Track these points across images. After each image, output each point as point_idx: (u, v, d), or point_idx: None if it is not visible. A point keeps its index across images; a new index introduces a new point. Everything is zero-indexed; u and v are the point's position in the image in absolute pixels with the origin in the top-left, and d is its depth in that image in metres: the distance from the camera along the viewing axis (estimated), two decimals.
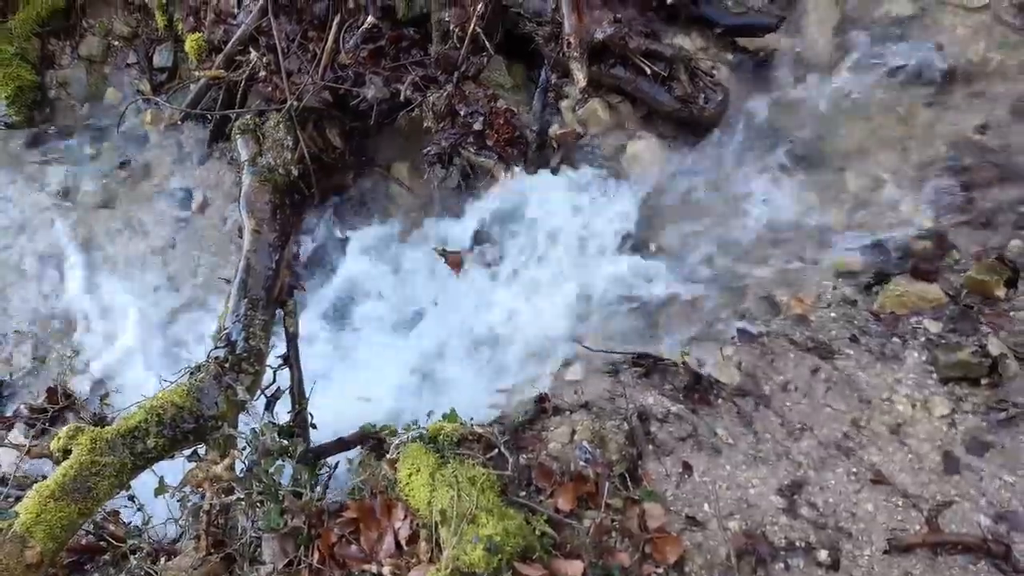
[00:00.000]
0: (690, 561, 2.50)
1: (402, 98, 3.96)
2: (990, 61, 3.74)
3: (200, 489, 2.55)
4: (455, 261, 3.84)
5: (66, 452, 2.36)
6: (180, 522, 2.72)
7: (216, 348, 2.87)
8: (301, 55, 4.03)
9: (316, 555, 2.42)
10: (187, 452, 2.63)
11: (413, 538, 2.39)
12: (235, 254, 3.95)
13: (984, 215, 3.39)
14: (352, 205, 4.30)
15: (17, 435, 3.63)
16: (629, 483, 2.67)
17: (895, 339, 3.13)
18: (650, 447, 2.84)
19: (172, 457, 2.58)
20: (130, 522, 2.90)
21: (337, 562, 2.40)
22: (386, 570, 2.32)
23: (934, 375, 2.97)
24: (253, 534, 2.48)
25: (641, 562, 2.46)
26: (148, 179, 4.63)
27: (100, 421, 3.61)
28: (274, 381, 3.00)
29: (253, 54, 4.07)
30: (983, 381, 2.89)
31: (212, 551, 2.52)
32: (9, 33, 4.71)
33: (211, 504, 2.53)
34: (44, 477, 2.44)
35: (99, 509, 2.46)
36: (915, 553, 2.49)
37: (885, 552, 2.51)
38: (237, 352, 2.86)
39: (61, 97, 4.94)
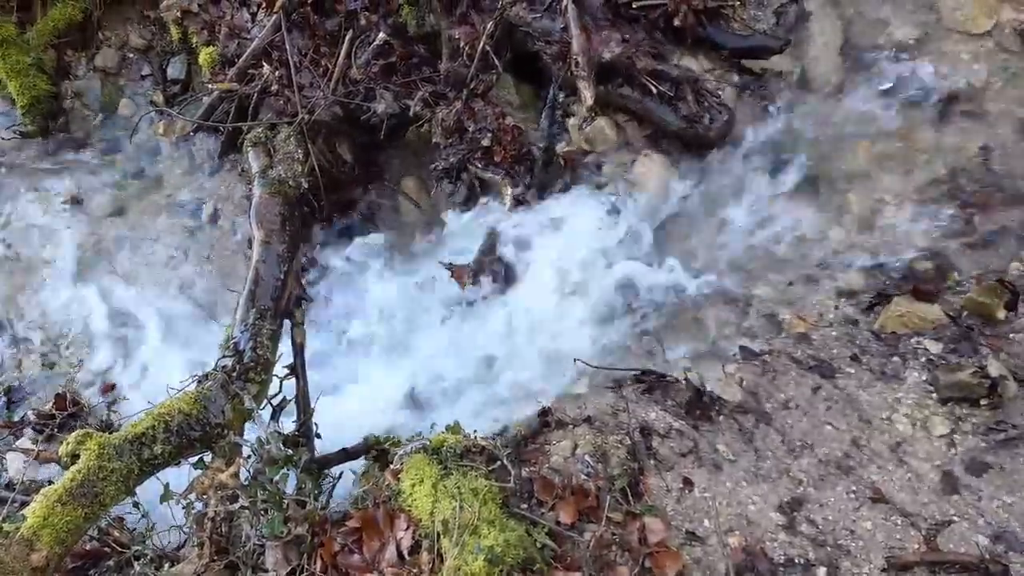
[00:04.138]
0: None
1: (411, 113, 4.02)
2: (991, 86, 3.79)
3: (205, 496, 2.57)
4: (461, 274, 3.88)
5: (74, 457, 2.38)
6: (184, 529, 2.74)
7: (224, 357, 2.90)
8: (313, 70, 4.10)
9: (319, 563, 2.43)
10: (193, 459, 2.65)
11: (415, 548, 2.41)
12: (244, 265, 3.99)
13: (985, 237, 3.43)
14: (360, 218, 4.35)
15: (25, 441, 3.66)
16: (630, 497, 2.69)
17: (895, 359, 3.15)
18: (651, 462, 2.86)
19: (178, 464, 2.60)
20: (134, 528, 2.92)
21: (339, 571, 2.42)
22: None
23: (934, 395, 2.99)
24: (256, 542, 2.50)
25: None
26: (159, 189, 4.69)
27: (108, 427, 3.64)
28: (280, 391, 3.02)
29: (265, 68, 4.13)
30: (983, 402, 2.91)
31: (215, 558, 2.53)
32: (27, 44, 4.79)
33: (215, 511, 2.54)
34: (51, 482, 2.46)
35: (104, 514, 2.49)
36: (913, 572, 2.50)
37: (883, 570, 2.52)
38: (244, 361, 2.88)
39: (76, 107, 5.01)
